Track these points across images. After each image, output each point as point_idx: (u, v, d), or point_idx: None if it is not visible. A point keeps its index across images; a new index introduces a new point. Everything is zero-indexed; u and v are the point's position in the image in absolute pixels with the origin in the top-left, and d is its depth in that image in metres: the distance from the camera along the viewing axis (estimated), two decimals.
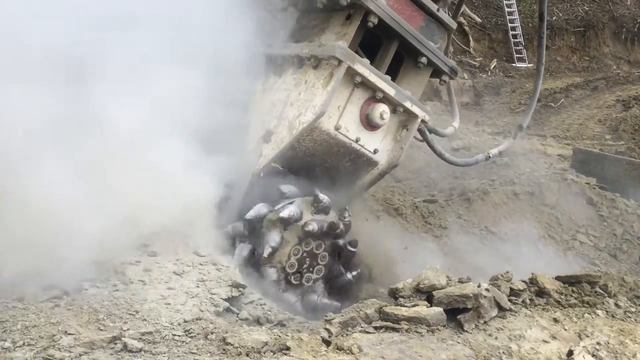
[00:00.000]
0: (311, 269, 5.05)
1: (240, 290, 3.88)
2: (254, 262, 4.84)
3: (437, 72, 5.34)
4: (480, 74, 18.29)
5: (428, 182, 9.32)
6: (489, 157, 6.74)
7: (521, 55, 19.48)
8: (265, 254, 4.71)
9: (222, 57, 4.81)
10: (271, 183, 5.06)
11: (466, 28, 19.07)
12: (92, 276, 3.61)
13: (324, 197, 4.94)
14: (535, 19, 20.13)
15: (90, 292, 3.44)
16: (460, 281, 3.70)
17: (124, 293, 3.48)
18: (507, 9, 19.63)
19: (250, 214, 4.82)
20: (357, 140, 4.98)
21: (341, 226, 5.04)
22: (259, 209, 4.86)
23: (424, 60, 5.06)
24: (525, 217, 8.09)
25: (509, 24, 19.51)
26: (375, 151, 5.11)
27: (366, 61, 4.78)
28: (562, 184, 8.57)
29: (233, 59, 4.92)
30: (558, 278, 4.13)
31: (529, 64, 19.38)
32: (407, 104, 5.03)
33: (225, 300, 3.68)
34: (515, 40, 19.51)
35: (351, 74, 4.71)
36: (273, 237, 4.78)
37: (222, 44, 4.80)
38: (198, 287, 3.75)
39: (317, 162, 5.04)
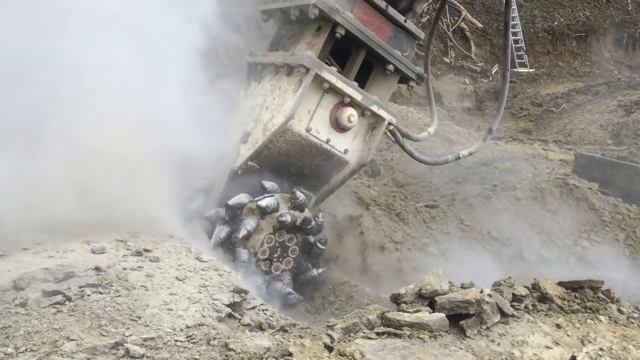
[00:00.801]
0: (281, 259, 5.48)
1: (242, 295, 3.87)
2: (230, 244, 5.26)
3: (404, 79, 5.70)
4: (482, 79, 18.30)
5: (430, 188, 9.33)
6: (459, 157, 7.08)
7: (522, 61, 19.49)
8: (240, 235, 5.13)
9: None
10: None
11: (467, 33, 19.11)
12: (95, 282, 3.61)
13: (300, 194, 5.38)
14: (536, 24, 20.21)
15: (92, 297, 3.43)
16: (463, 287, 3.70)
17: (126, 299, 3.48)
18: None
19: (233, 201, 5.23)
20: (327, 141, 5.37)
21: (313, 223, 5.45)
22: (240, 197, 5.28)
23: (391, 67, 5.42)
24: (527, 222, 8.08)
25: (511, 30, 19.54)
26: (345, 151, 5.49)
27: (333, 69, 5.17)
28: (564, 189, 8.57)
29: None
30: (560, 284, 4.13)
31: (530, 69, 19.40)
32: (374, 108, 5.41)
33: (228, 305, 3.66)
34: (517, 45, 19.52)
35: (319, 80, 5.09)
36: (249, 222, 5.20)
37: None
38: (200, 292, 3.74)
39: (291, 161, 5.42)
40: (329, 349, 3.06)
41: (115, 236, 4.46)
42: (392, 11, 5.38)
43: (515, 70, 19.27)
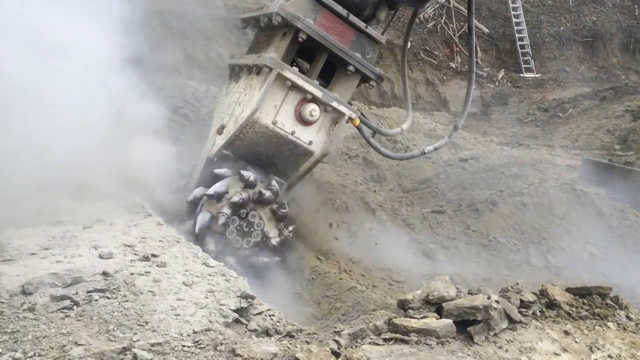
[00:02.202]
0: (250, 234, 6.07)
1: (249, 301, 3.87)
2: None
3: (365, 79, 6.29)
4: (488, 84, 18.27)
5: (436, 193, 9.30)
6: (424, 152, 7.54)
7: (529, 66, 19.46)
8: (197, 230, 5.70)
9: None
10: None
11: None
12: (102, 286, 3.62)
13: (247, 173, 5.97)
14: (542, 29, 20.18)
15: (100, 302, 3.44)
16: (470, 293, 3.69)
17: (134, 304, 3.49)
18: (514, 20, 19.66)
19: (190, 197, 5.91)
20: (292, 133, 5.97)
21: (267, 194, 6.04)
22: (196, 192, 5.92)
23: (351, 68, 6.03)
24: (534, 228, 8.05)
25: (517, 35, 19.53)
26: (310, 143, 6.08)
27: (295, 69, 5.84)
28: (571, 194, 8.53)
29: None
30: (568, 290, 4.10)
31: (536, 74, 19.36)
32: (334, 104, 6.02)
33: (234, 311, 3.67)
34: (523, 50, 19.51)
35: (282, 79, 5.73)
36: (202, 217, 5.78)
37: None
38: (207, 298, 3.75)
39: (261, 150, 6.05)
40: (336, 354, 3.06)
41: (123, 241, 4.48)
42: (353, 18, 5.97)
43: (521, 75, 19.25)
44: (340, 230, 7.46)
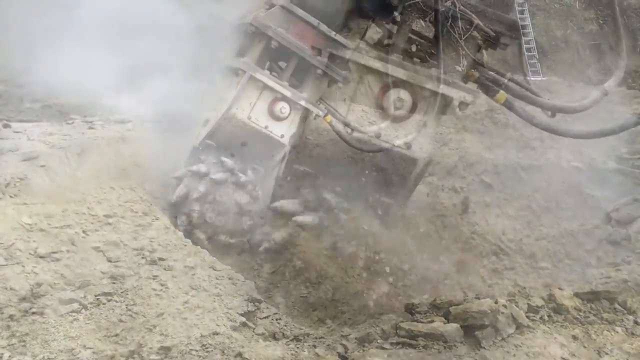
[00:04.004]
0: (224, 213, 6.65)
1: (256, 304, 3.88)
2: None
3: (333, 80, 7.05)
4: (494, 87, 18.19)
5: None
6: (393, 147, 8.09)
7: (535, 69, 19.36)
8: (173, 200, 6.44)
9: None
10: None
11: (479, 42, 19.05)
12: (110, 290, 3.64)
13: (225, 159, 6.75)
14: (549, 32, 20.11)
15: (108, 306, 3.46)
16: (477, 297, 3.68)
17: (142, 307, 3.50)
18: (520, 23, 19.59)
19: (177, 174, 6.61)
20: (266, 127, 6.74)
21: (243, 178, 6.68)
22: (183, 170, 6.61)
23: (319, 71, 6.84)
24: (540, 231, 8.02)
25: (523, 37, 19.45)
26: (282, 136, 6.83)
27: (266, 72, 6.68)
28: (578, 197, 8.48)
29: None
30: (576, 294, 4.08)
31: (543, 77, 19.27)
32: (302, 103, 6.78)
33: (241, 315, 3.68)
34: (530, 53, 19.43)
35: (255, 80, 6.54)
36: (180, 189, 6.52)
37: None
38: (214, 301, 3.75)
39: (240, 141, 6.80)
40: (344, 358, 3.06)
41: (131, 245, 4.49)
42: (323, 27, 6.73)
43: (527, 78, 19.15)
44: None
